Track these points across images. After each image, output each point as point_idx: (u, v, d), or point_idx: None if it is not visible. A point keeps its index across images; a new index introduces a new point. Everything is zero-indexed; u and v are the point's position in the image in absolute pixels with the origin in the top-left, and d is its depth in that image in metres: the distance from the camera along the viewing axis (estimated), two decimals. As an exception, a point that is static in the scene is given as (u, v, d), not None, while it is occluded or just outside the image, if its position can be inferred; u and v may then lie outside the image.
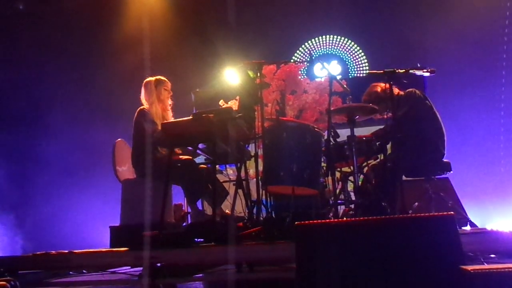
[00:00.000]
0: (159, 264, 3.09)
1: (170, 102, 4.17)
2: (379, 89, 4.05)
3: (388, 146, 3.99)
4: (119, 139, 4.42)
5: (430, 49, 6.40)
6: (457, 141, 5.71)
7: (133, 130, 3.96)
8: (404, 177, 3.97)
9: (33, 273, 3.45)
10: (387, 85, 3.61)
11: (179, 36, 7.09)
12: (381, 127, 4.10)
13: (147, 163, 3.70)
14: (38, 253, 3.42)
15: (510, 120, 6.32)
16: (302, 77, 5.30)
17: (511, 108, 6.33)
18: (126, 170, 4.33)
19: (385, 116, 3.86)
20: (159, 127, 3.79)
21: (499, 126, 6.35)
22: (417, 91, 3.96)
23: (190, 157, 3.88)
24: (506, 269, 1.57)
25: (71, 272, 3.80)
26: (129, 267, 3.61)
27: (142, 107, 4.02)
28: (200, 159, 4.21)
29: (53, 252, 3.39)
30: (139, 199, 3.71)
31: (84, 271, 3.88)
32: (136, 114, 3.97)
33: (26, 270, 3.38)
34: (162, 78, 4.14)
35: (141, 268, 3.12)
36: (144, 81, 4.12)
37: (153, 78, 4.11)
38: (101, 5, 6.78)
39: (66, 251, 3.33)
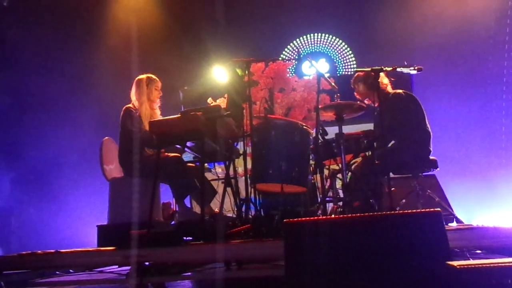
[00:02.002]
0: (147, 263, 3.07)
1: (158, 102, 4.15)
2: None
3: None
4: (106, 138, 4.37)
5: (417, 46, 6.46)
6: (442, 138, 5.78)
7: (120, 129, 3.93)
8: (391, 175, 4.00)
9: (18, 273, 3.40)
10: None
11: (168, 33, 7.04)
12: (370, 124, 4.12)
13: (135, 162, 3.67)
14: (23, 252, 3.37)
15: (494, 116, 6.41)
16: (291, 75, 5.31)
17: (495, 105, 6.42)
18: (114, 169, 4.29)
19: (371, 103, 3.88)
20: (146, 127, 3.77)
21: (483, 123, 6.44)
22: (405, 93, 3.96)
23: (178, 154, 3.86)
24: (492, 265, 1.59)
25: (57, 272, 3.76)
26: (117, 267, 3.58)
27: (128, 105, 3.98)
28: (188, 157, 4.19)
29: (39, 251, 3.35)
30: (126, 198, 3.68)
31: (71, 270, 3.84)
32: (122, 112, 3.94)
33: (12, 270, 3.33)
34: (154, 77, 4.11)
35: (129, 267, 3.10)
36: (136, 79, 4.08)
37: (144, 76, 4.07)
38: (88, 1, 6.70)
39: (53, 251, 3.29)
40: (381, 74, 3.74)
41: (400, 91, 3.99)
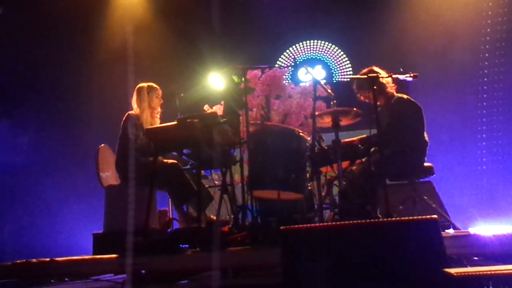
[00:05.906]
0: (143, 271, 3.05)
1: (159, 109, 4.16)
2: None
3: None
4: (102, 145, 4.36)
5: (413, 53, 6.49)
6: (438, 143, 5.79)
7: (120, 134, 3.94)
8: (388, 181, 3.98)
9: (13, 282, 3.37)
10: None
11: (164, 40, 7.05)
12: (366, 131, 4.10)
13: (132, 168, 3.66)
14: (18, 261, 3.34)
15: (491, 122, 6.44)
16: (287, 82, 5.32)
17: (492, 111, 6.45)
18: (110, 176, 4.27)
19: (367, 100, 3.91)
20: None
21: (480, 129, 6.46)
22: (408, 100, 3.94)
23: (175, 161, 3.85)
24: (489, 272, 1.58)
25: (52, 281, 3.73)
26: (113, 275, 3.55)
27: (130, 111, 3.99)
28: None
29: (34, 260, 3.32)
30: (123, 205, 3.66)
31: (66, 279, 3.81)
32: (124, 118, 3.97)
33: (5, 279, 3.30)
34: (155, 85, 4.13)
35: (124, 276, 3.07)
36: (137, 86, 4.10)
37: (145, 84, 4.10)
38: (84, 9, 6.70)
39: (48, 259, 3.26)
40: (383, 75, 3.75)
41: (405, 96, 3.95)
